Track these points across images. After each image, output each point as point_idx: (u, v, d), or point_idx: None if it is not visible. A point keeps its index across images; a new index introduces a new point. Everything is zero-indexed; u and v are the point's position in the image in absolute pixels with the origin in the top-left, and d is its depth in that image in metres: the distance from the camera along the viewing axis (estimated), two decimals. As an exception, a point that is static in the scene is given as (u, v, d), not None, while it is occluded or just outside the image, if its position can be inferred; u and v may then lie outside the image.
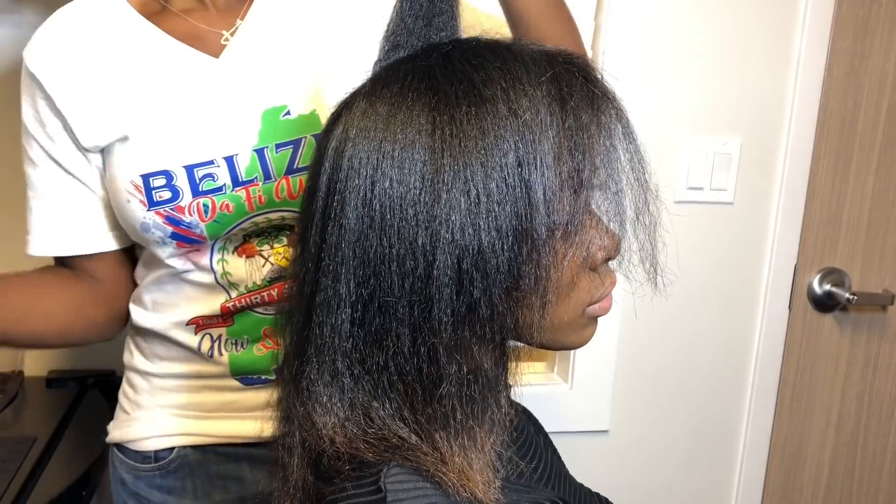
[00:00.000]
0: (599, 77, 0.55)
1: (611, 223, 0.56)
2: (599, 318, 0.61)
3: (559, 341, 0.58)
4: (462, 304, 0.52)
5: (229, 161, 0.84)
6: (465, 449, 0.53)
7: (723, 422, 1.60)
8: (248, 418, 0.97)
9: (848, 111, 1.51)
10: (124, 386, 1.01)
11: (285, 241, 0.92)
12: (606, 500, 0.75)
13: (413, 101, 0.52)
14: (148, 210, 0.84)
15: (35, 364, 1.39)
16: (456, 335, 0.52)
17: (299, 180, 0.87)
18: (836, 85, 1.48)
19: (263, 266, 0.91)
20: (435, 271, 0.51)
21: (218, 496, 0.98)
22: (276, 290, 0.92)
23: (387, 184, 0.51)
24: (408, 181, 0.51)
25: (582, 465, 1.53)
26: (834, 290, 1.55)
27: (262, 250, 0.91)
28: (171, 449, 0.97)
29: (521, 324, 0.54)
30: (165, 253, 0.88)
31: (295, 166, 0.86)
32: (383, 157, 0.52)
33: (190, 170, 0.83)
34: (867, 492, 1.70)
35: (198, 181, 0.83)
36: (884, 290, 1.60)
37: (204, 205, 0.84)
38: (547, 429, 0.77)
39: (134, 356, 0.99)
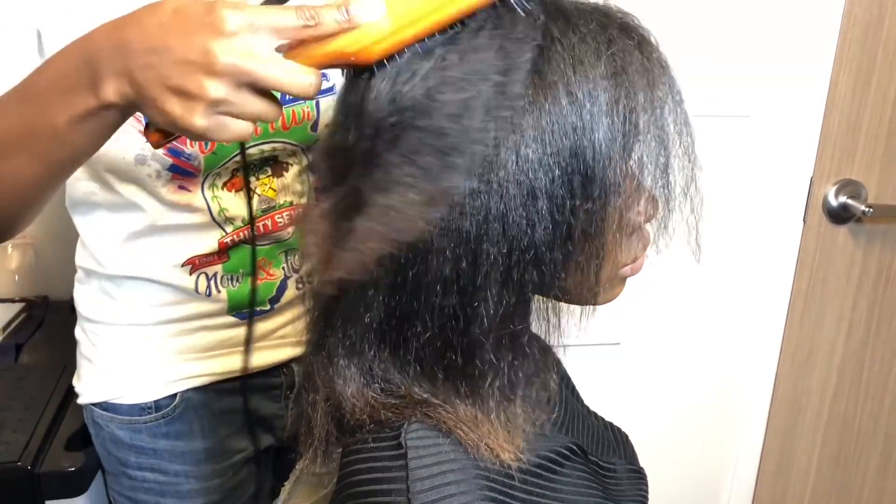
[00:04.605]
0: (655, 43, 0.53)
1: (655, 191, 0.54)
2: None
3: (587, 300, 0.58)
4: (512, 295, 0.50)
5: None
6: (495, 422, 0.53)
7: (734, 331, 1.62)
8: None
9: (873, 17, 1.45)
10: (92, 340, 0.96)
11: (269, 171, 0.93)
12: (619, 429, 0.77)
13: (467, 89, 0.48)
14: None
15: (59, 290, 1.42)
16: (501, 325, 0.51)
17: (292, 111, 0.89)
18: (862, -11, 1.43)
19: (254, 198, 0.92)
20: (481, 263, 0.49)
21: (224, 431, 1.00)
22: (269, 220, 0.94)
23: None
24: None
25: (595, 376, 1.57)
26: (849, 202, 1.54)
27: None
28: (174, 395, 0.96)
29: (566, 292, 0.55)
30: (155, 187, 0.86)
31: (287, 96, 0.86)
32: None
33: None
34: (873, 396, 1.74)
35: None
36: (900, 200, 1.58)
37: None
38: (562, 342, 0.75)
39: (104, 308, 0.95)
